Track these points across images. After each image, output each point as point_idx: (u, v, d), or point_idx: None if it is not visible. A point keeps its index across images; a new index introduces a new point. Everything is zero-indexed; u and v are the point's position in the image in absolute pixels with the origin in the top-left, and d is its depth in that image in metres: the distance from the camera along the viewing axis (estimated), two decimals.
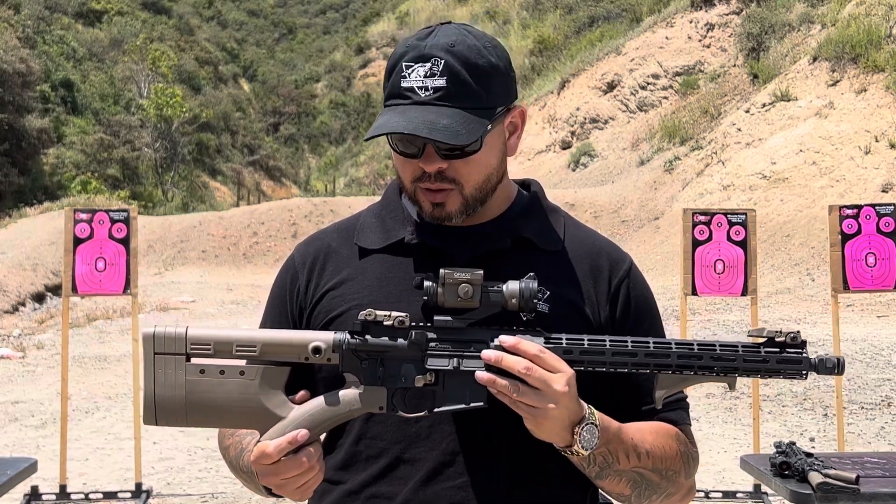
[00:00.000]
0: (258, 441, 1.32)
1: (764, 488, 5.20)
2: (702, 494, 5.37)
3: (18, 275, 17.13)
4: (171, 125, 39.71)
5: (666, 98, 26.24)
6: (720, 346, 1.30)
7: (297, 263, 1.59)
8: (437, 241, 1.49)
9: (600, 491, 1.56)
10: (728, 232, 5.42)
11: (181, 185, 40.43)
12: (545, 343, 1.31)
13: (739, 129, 20.01)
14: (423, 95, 1.41)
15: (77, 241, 5.46)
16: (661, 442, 1.46)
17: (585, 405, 1.35)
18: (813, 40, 21.47)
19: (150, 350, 1.31)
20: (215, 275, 19.77)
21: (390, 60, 1.48)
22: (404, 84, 1.42)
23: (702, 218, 5.48)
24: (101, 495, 5.51)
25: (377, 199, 1.67)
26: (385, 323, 1.31)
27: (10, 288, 16.55)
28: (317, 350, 1.31)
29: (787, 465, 3.19)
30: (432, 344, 1.32)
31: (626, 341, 1.31)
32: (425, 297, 1.30)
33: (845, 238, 5.08)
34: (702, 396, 7.94)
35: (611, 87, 27.58)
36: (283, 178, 53.65)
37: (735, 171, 18.54)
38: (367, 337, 1.31)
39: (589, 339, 1.31)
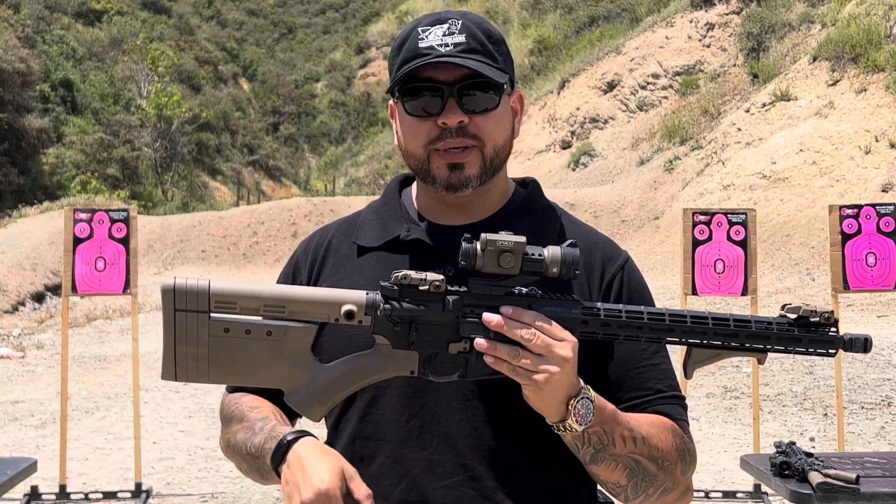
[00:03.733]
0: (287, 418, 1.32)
1: (764, 488, 5.20)
2: (702, 494, 5.37)
3: (18, 274, 17.13)
4: (170, 125, 39.72)
5: (666, 98, 26.25)
6: (755, 322, 1.29)
7: (299, 257, 1.60)
8: (432, 239, 1.49)
9: (599, 488, 1.54)
10: (728, 232, 5.42)
11: (181, 185, 40.45)
12: (583, 312, 1.28)
13: (739, 129, 20.01)
14: (443, 51, 1.42)
15: (77, 241, 5.46)
16: (657, 431, 1.44)
17: (581, 381, 1.33)
18: (813, 40, 21.47)
19: (169, 306, 1.25)
20: (215, 274, 19.75)
21: (399, 37, 1.48)
22: (422, 45, 1.43)
23: (702, 218, 5.48)
24: (100, 495, 5.51)
25: (377, 198, 1.68)
26: (421, 287, 1.28)
27: (10, 288, 16.55)
28: (349, 314, 1.27)
29: (787, 464, 3.18)
30: (468, 310, 1.28)
31: (664, 315, 1.28)
32: (462, 262, 1.26)
33: (845, 238, 5.08)
34: (702, 396, 7.94)
35: (611, 86, 27.59)
36: (283, 177, 53.67)
37: (735, 170, 18.54)
38: (402, 303, 1.28)
39: (626, 311, 1.28)
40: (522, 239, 1.26)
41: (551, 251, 1.26)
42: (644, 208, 20.36)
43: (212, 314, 1.26)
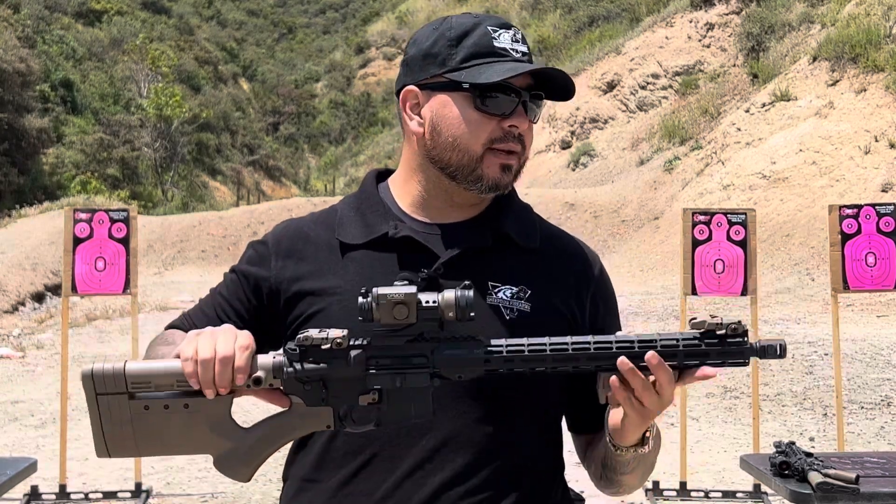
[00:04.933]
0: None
1: (764, 488, 5.20)
2: (701, 494, 5.37)
3: (18, 274, 17.13)
4: (170, 125, 39.72)
5: (666, 98, 26.25)
6: (661, 341, 1.29)
7: (270, 248, 1.54)
8: (421, 237, 1.48)
9: (570, 486, 1.59)
10: (728, 232, 5.42)
11: (181, 185, 40.45)
12: (485, 352, 1.30)
13: (739, 129, 20.01)
14: (517, 56, 1.46)
15: (77, 241, 5.46)
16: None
17: None
18: (813, 40, 21.47)
19: (91, 390, 1.29)
20: (215, 274, 19.74)
21: (458, 28, 1.47)
22: (497, 44, 1.46)
23: (702, 218, 5.48)
24: (100, 495, 5.51)
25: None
26: (323, 346, 1.29)
27: (10, 288, 16.56)
28: (258, 381, 1.30)
29: (786, 464, 3.19)
30: (372, 362, 1.31)
31: (567, 344, 1.29)
32: (360, 318, 1.28)
33: (845, 238, 5.08)
34: (701, 396, 7.94)
35: (611, 86, 27.59)
36: (283, 177, 53.67)
37: (735, 170, 18.54)
38: (305, 364, 1.30)
39: (529, 345, 1.30)
40: (413, 289, 1.27)
41: (445, 297, 1.28)
42: (644, 208, 20.36)
43: (131, 394, 1.30)
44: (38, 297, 17.01)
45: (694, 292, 5.45)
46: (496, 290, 1.46)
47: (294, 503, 1.49)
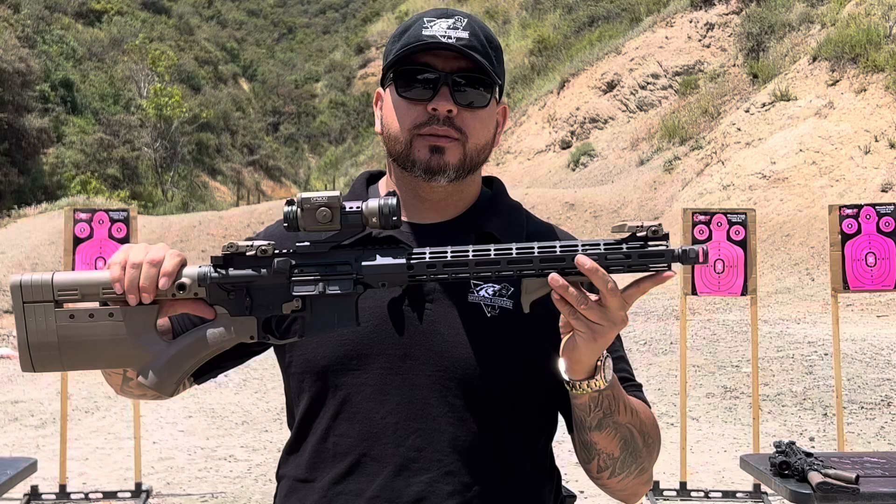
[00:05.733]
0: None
1: (764, 488, 5.21)
2: (701, 494, 5.37)
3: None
4: (170, 125, 39.72)
5: (666, 98, 26.25)
6: (582, 245, 1.28)
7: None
8: (404, 237, 1.48)
9: (563, 484, 1.57)
10: (728, 231, 5.42)
11: (181, 185, 40.45)
12: (408, 258, 1.29)
13: (739, 129, 20.02)
14: (444, 42, 1.44)
15: (77, 241, 5.46)
16: (642, 409, 1.47)
17: None
18: (813, 40, 21.48)
19: (18, 299, 1.32)
20: None
21: (402, 25, 1.51)
22: (425, 33, 1.45)
23: (701, 217, 5.48)
24: (100, 495, 5.52)
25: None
26: (248, 253, 1.31)
27: None
28: (181, 287, 1.30)
29: (786, 464, 3.19)
30: (296, 270, 1.31)
31: (490, 250, 1.28)
32: (285, 224, 1.29)
33: (845, 238, 5.09)
34: (702, 396, 7.94)
35: (610, 86, 27.59)
36: (283, 177, 53.66)
37: (735, 170, 18.55)
38: (230, 270, 1.31)
39: (452, 251, 1.29)
40: (336, 193, 1.28)
41: (370, 203, 1.29)
42: (644, 208, 20.36)
43: (59, 305, 1.32)
44: None
45: (694, 292, 5.46)
46: (478, 289, 1.46)
47: (286, 502, 1.50)
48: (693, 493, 5.38)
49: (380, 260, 1.30)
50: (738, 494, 5.37)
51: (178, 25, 59.63)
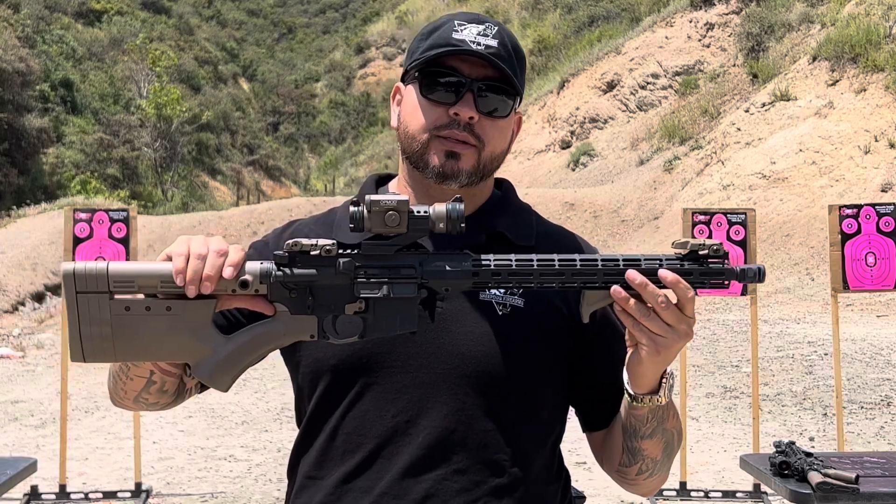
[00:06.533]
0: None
1: (764, 488, 5.21)
2: (701, 494, 5.37)
3: (18, 274, 17.14)
4: (170, 125, 39.72)
5: (666, 98, 26.25)
6: (645, 259, 1.30)
7: (271, 248, 1.55)
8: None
9: (573, 485, 1.57)
10: (728, 231, 5.42)
11: (181, 185, 40.44)
12: (474, 264, 1.29)
13: (739, 129, 20.02)
14: (474, 48, 1.44)
15: (77, 241, 5.46)
16: (674, 412, 1.49)
17: None
18: (812, 40, 21.48)
19: (71, 289, 1.28)
20: None
21: (431, 24, 1.50)
22: (456, 36, 1.45)
23: (701, 217, 5.48)
24: (100, 495, 5.52)
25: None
26: (312, 252, 1.29)
27: (10, 287, 16.57)
28: (244, 284, 1.29)
29: (786, 464, 3.19)
30: (361, 271, 1.30)
31: (554, 260, 1.30)
32: (351, 225, 1.28)
33: (845, 238, 5.09)
34: (702, 396, 7.94)
35: (610, 86, 27.59)
36: (283, 177, 53.66)
37: (735, 170, 18.55)
38: (294, 269, 1.29)
39: (516, 260, 1.30)
40: (405, 197, 1.27)
41: (436, 208, 1.28)
42: (644, 208, 20.36)
43: (113, 297, 1.29)
44: (38, 297, 17.01)
45: (694, 292, 5.45)
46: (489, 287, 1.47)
47: (297, 500, 1.51)
48: (693, 493, 5.38)
49: (446, 265, 1.30)
50: (738, 494, 5.37)
51: (178, 25, 59.64)
